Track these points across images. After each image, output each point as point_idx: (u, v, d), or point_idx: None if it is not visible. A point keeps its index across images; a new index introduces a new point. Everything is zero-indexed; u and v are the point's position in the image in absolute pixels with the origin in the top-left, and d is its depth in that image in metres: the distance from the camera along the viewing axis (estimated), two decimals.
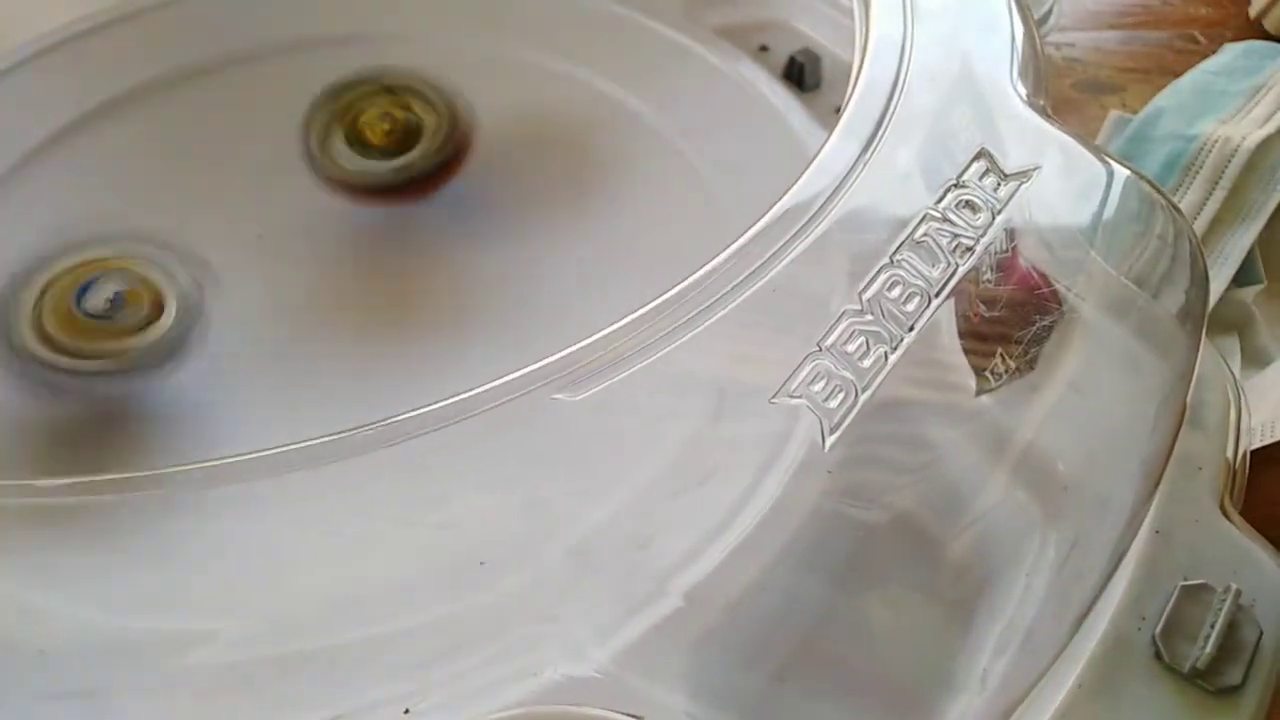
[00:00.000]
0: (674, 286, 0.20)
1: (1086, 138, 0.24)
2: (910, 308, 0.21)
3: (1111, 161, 0.24)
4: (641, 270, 0.31)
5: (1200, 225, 0.42)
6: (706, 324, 0.20)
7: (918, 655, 0.19)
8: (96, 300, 0.29)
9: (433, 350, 0.31)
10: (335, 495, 0.19)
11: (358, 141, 0.35)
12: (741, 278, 0.20)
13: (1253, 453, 0.34)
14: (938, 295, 0.21)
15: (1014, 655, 0.19)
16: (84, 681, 0.18)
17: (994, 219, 0.22)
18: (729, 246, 0.21)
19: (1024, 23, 0.26)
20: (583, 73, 0.39)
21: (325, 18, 0.41)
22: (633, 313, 0.20)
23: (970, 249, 0.22)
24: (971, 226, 0.22)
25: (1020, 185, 0.23)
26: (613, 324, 0.20)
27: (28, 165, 0.36)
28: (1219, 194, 0.43)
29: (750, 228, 0.21)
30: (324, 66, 0.39)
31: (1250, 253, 0.42)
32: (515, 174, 0.36)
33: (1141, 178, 0.24)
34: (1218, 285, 0.41)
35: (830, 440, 0.19)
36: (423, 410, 0.19)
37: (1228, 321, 0.41)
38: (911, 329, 0.21)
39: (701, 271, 0.20)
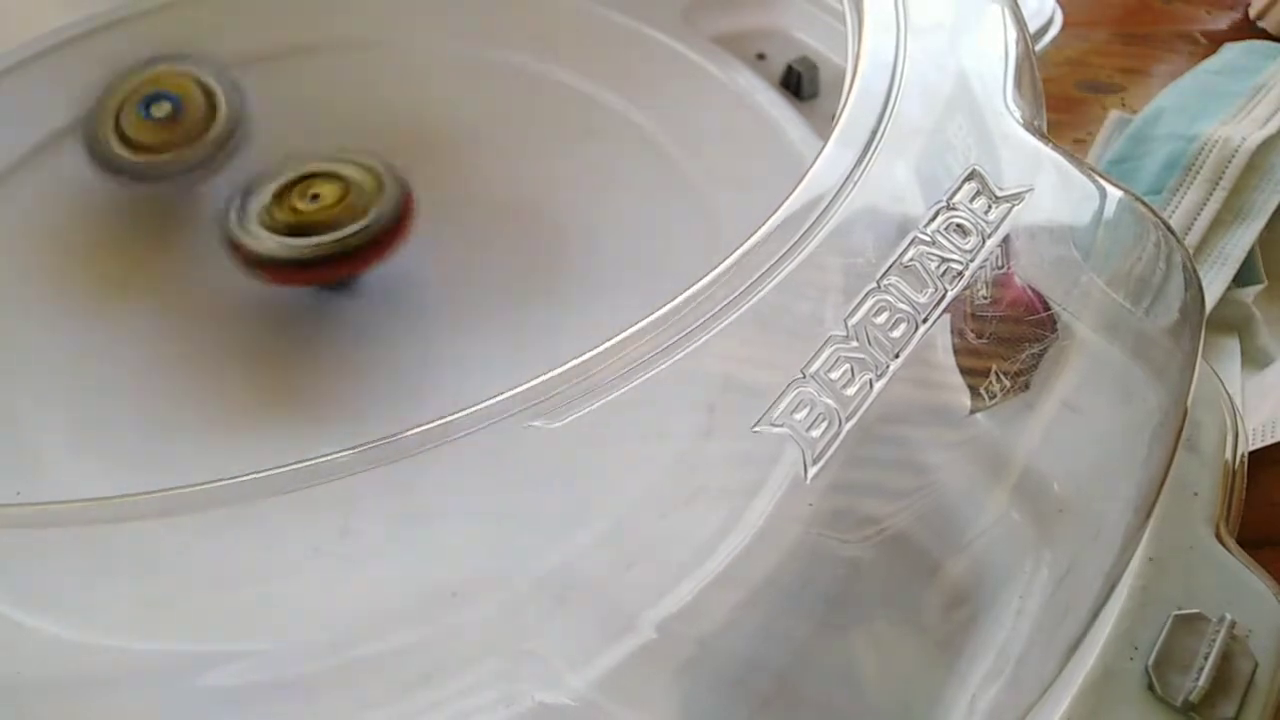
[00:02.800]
0: (655, 311, 0.20)
1: (1079, 158, 0.24)
2: (897, 334, 0.20)
3: (1104, 182, 0.24)
4: (633, 282, 0.31)
5: (1200, 225, 0.42)
6: (687, 350, 0.19)
7: (904, 687, 0.19)
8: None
9: (422, 362, 0.31)
10: (300, 524, 0.19)
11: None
12: (724, 303, 0.20)
13: (1252, 454, 0.34)
14: (925, 321, 0.21)
15: (1003, 685, 0.19)
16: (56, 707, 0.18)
17: (984, 243, 0.22)
18: (710, 271, 0.20)
19: (1020, 38, 0.26)
20: (578, 80, 0.39)
21: (323, 23, 0.40)
22: (612, 337, 0.19)
23: (959, 274, 0.21)
24: (961, 250, 0.22)
25: (1012, 207, 0.22)
26: (592, 349, 0.19)
27: (26, 166, 0.36)
28: (1219, 194, 0.43)
29: (736, 250, 0.21)
30: (323, 71, 0.39)
31: (1250, 253, 0.42)
32: (504, 178, 0.36)
33: (1134, 197, 0.24)
34: (1218, 286, 0.41)
35: (812, 471, 0.19)
36: (393, 438, 0.18)
37: (1228, 322, 0.41)
38: (897, 356, 0.20)
39: (683, 296, 0.20)
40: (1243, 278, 0.42)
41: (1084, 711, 0.20)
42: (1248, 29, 0.56)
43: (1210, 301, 0.40)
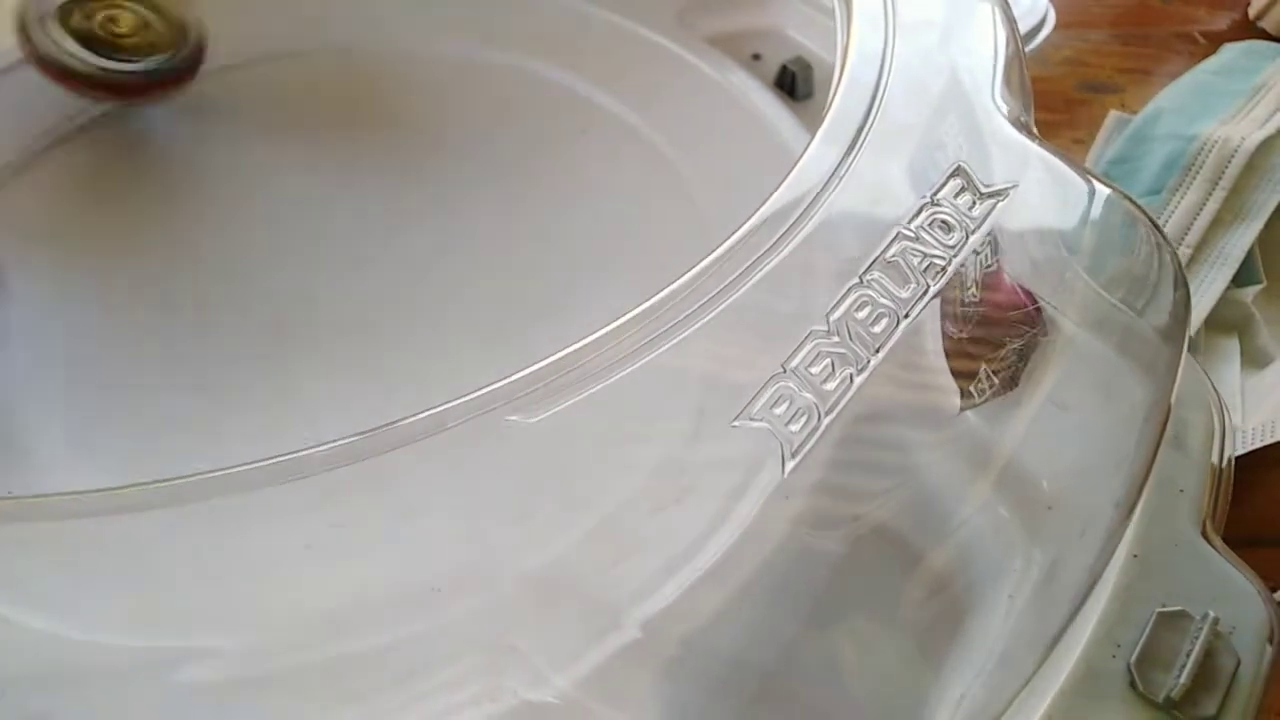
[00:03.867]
0: (636, 306, 0.20)
1: (1069, 155, 0.24)
2: (878, 329, 0.20)
3: (1093, 179, 0.24)
4: (625, 281, 0.31)
5: (1200, 225, 0.42)
6: (668, 345, 0.19)
7: (890, 685, 0.19)
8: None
9: (415, 359, 0.31)
10: (282, 519, 0.19)
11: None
12: (706, 299, 0.20)
13: (1251, 453, 0.34)
14: (907, 316, 0.21)
15: (985, 681, 0.19)
16: (38, 702, 0.18)
17: (967, 239, 0.22)
18: (693, 266, 0.20)
19: (1009, 36, 0.26)
20: (573, 79, 0.39)
21: (322, 22, 0.41)
22: (591, 334, 0.19)
23: (943, 269, 0.21)
24: (944, 246, 0.22)
25: (996, 203, 0.22)
26: (572, 344, 0.19)
27: (26, 165, 0.36)
28: (1219, 194, 0.43)
29: (718, 246, 0.21)
30: (315, 70, 0.39)
31: (1250, 253, 0.42)
32: (501, 177, 0.36)
33: (1124, 196, 0.24)
34: (1218, 286, 0.41)
35: (790, 465, 0.19)
36: (367, 433, 0.18)
37: (1228, 322, 0.41)
38: (879, 351, 0.20)
39: (665, 291, 0.20)
40: (1242, 278, 0.42)
41: (1066, 709, 0.20)
42: (1247, 29, 0.56)
43: (1210, 301, 0.40)
